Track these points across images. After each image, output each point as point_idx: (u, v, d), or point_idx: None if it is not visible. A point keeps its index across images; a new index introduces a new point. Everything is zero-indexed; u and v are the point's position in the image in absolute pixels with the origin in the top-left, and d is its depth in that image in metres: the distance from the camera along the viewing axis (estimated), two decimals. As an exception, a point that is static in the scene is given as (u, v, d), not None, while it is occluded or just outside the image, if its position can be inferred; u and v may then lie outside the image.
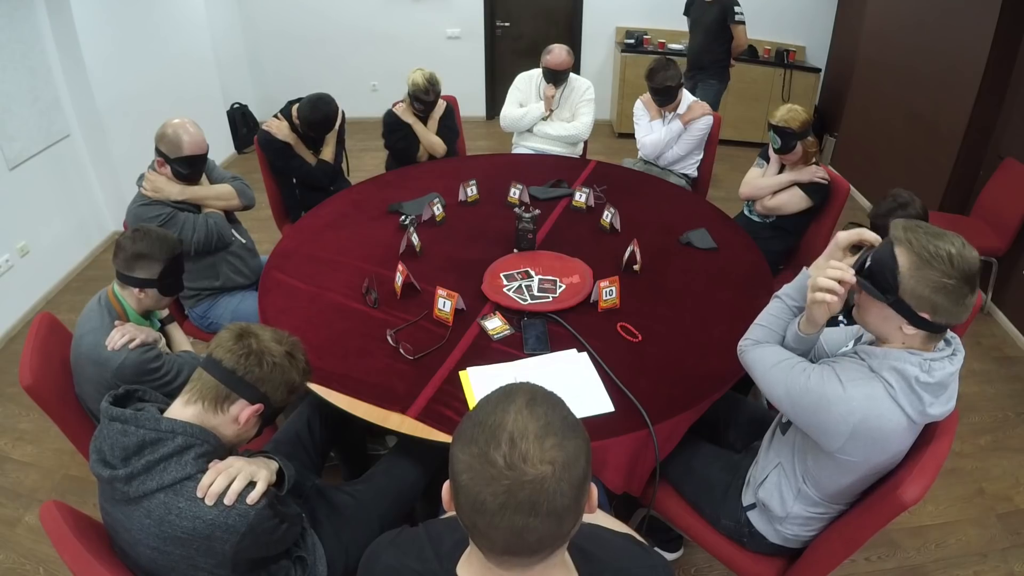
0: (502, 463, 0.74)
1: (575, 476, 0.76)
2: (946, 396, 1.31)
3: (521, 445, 0.74)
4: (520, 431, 0.75)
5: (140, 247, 1.73)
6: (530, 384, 0.83)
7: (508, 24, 6.05)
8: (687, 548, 2.17)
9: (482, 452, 0.75)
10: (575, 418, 0.81)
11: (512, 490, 0.73)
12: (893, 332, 1.29)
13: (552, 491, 0.74)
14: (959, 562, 2.20)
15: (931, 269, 1.21)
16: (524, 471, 0.73)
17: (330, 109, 2.91)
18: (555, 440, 0.75)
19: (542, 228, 2.54)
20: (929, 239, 1.23)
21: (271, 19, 5.86)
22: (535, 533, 0.75)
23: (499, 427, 0.76)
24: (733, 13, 4.30)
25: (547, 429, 0.76)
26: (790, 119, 2.56)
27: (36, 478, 2.48)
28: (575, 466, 0.76)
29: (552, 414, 0.78)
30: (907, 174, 4.21)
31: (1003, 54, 3.44)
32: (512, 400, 0.79)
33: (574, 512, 0.77)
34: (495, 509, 0.74)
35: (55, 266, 3.74)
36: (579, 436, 0.78)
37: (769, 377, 1.42)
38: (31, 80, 3.43)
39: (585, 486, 0.78)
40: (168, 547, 1.14)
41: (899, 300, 1.25)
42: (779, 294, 1.55)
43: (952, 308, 1.22)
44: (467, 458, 0.76)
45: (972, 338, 3.33)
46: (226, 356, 1.25)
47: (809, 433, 1.37)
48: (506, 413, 0.77)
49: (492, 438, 0.75)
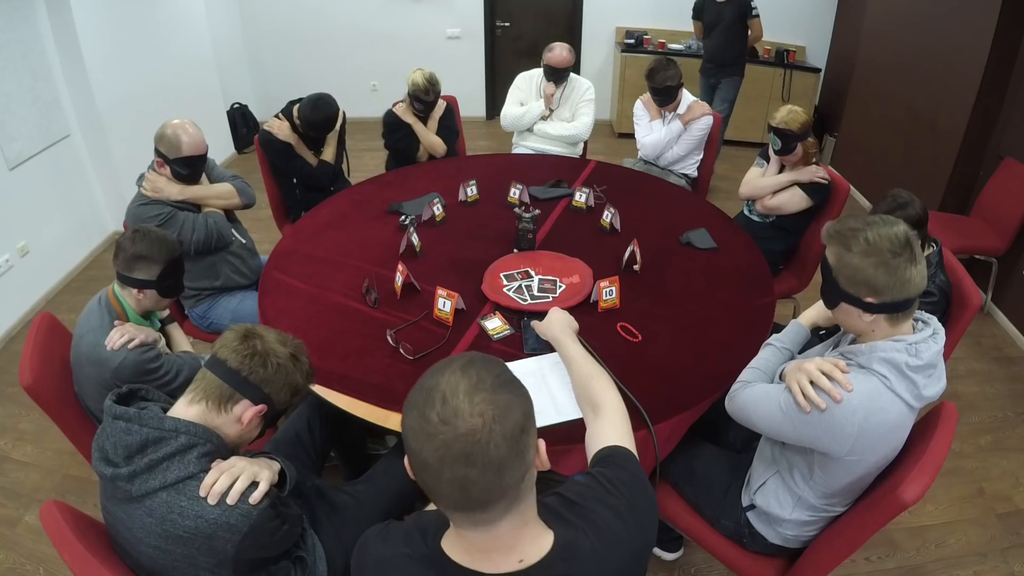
0: (436, 420, 0.80)
1: (508, 428, 0.80)
2: (936, 375, 1.34)
3: (452, 402, 0.80)
4: (452, 389, 0.81)
5: (140, 248, 1.73)
6: (472, 352, 0.88)
7: (508, 24, 6.05)
8: (687, 548, 2.17)
9: (420, 413, 0.82)
10: (511, 376, 0.87)
11: (448, 443, 0.79)
12: (859, 324, 1.34)
13: (484, 442, 0.79)
14: (959, 562, 2.20)
15: (853, 256, 1.28)
16: (456, 425, 0.79)
17: (331, 109, 2.91)
18: (485, 395, 0.81)
19: (542, 228, 2.54)
20: (849, 231, 1.30)
21: (271, 19, 5.86)
22: (476, 485, 0.80)
23: (434, 388, 0.82)
24: (751, 8, 4.49)
25: (478, 386, 0.82)
26: (790, 120, 2.56)
27: (36, 478, 2.48)
28: (507, 419, 0.81)
29: (484, 372, 0.84)
30: (907, 174, 4.21)
31: (1003, 54, 3.44)
32: (449, 364, 0.86)
33: (514, 465, 0.82)
34: (436, 464, 0.80)
35: (55, 266, 3.75)
36: (512, 392, 0.84)
37: (761, 410, 1.43)
38: (31, 80, 3.43)
39: (524, 439, 0.83)
40: (170, 546, 1.14)
41: (843, 293, 1.31)
42: (770, 342, 1.61)
43: (892, 282, 1.26)
44: (410, 420, 0.84)
45: (972, 338, 3.33)
46: (231, 356, 1.25)
47: (816, 447, 1.36)
48: (442, 376, 0.84)
49: (428, 399, 0.82)
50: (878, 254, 1.25)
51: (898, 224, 1.29)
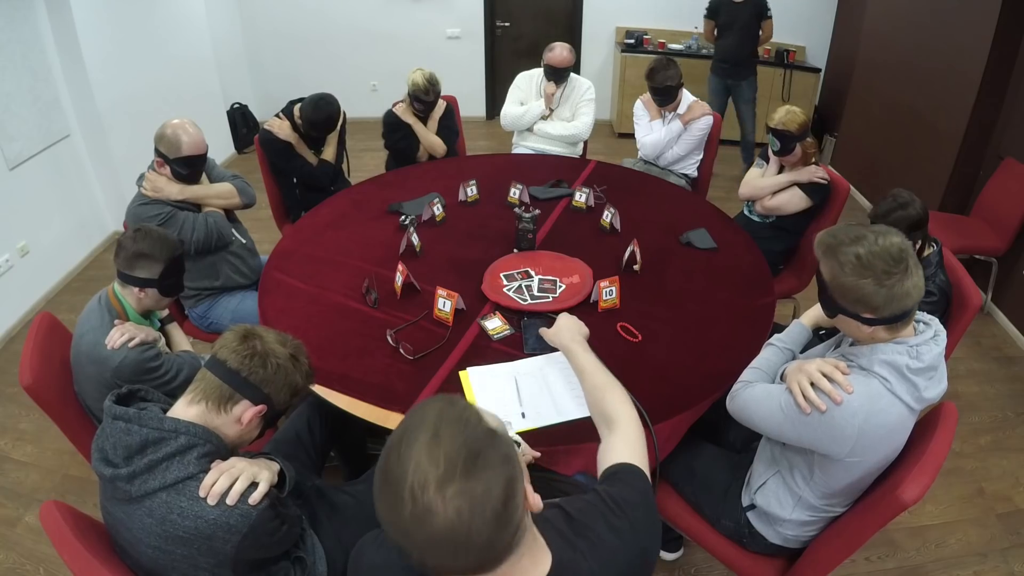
0: (409, 518, 0.74)
1: (489, 512, 0.74)
2: (938, 377, 1.33)
3: (423, 499, 0.73)
4: (420, 483, 0.73)
5: (141, 247, 1.73)
6: (438, 406, 0.80)
7: (508, 24, 6.05)
8: (687, 548, 2.17)
9: (391, 508, 0.75)
10: (485, 441, 0.77)
11: (430, 537, 0.74)
12: (858, 333, 1.33)
13: (465, 533, 0.73)
14: (959, 562, 2.20)
15: (847, 276, 1.25)
16: (432, 523, 0.73)
17: (332, 109, 2.91)
18: (458, 486, 0.73)
19: (542, 228, 2.54)
20: (841, 247, 1.27)
21: (271, 19, 5.86)
22: (470, 560, 0.76)
23: (401, 481, 0.74)
24: (767, 9, 4.58)
25: (448, 473, 0.73)
26: (788, 121, 2.56)
27: (36, 478, 2.48)
28: (486, 505, 0.74)
29: (452, 447, 0.75)
30: (907, 174, 4.21)
31: (1003, 54, 3.44)
32: (413, 438, 0.76)
33: (504, 533, 0.77)
34: (419, 552, 0.76)
35: (55, 266, 3.74)
36: (487, 466, 0.75)
37: (762, 410, 1.43)
38: (31, 80, 3.43)
39: (509, 509, 0.77)
40: (169, 546, 1.14)
41: (840, 308, 1.30)
42: (772, 342, 1.60)
43: (888, 298, 1.23)
44: (382, 510, 0.77)
45: (972, 338, 3.33)
46: (231, 356, 1.25)
47: (816, 449, 1.36)
48: (408, 462, 0.75)
49: (396, 496, 0.74)
50: (872, 274, 1.23)
51: (891, 235, 1.26)
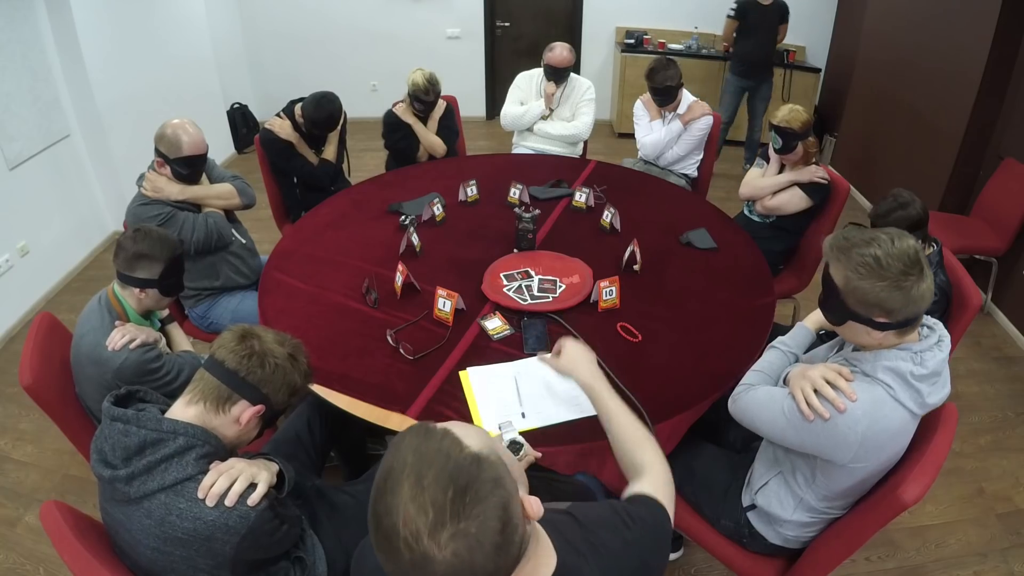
0: (409, 566, 0.73)
1: (488, 546, 0.74)
2: (941, 383, 1.33)
3: (419, 548, 0.72)
4: (413, 533, 0.72)
5: (141, 247, 1.73)
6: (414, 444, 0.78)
7: (508, 24, 6.05)
8: (687, 548, 2.17)
9: (388, 556, 0.75)
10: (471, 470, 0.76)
11: None
12: (865, 339, 1.31)
13: (469, 570, 0.73)
14: (959, 562, 2.20)
15: (864, 279, 1.23)
16: (433, 569, 0.73)
17: (334, 107, 2.91)
18: (450, 530, 0.72)
19: (542, 228, 2.54)
20: (855, 249, 1.25)
21: (271, 19, 5.86)
22: None
23: (393, 533, 0.74)
24: (788, 12, 4.71)
25: (438, 519, 0.72)
26: (791, 119, 2.56)
27: (36, 478, 2.48)
28: (483, 540, 0.74)
29: (439, 488, 0.73)
30: (907, 174, 4.21)
31: (1003, 54, 3.44)
32: (398, 486, 0.75)
33: (507, 559, 0.77)
34: None
35: (55, 266, 3.74)
36: (478, 500, 0.74)
37: (765, 414, 1.42)
38: (31, 80, 3.43)
39: (508, 531, 0.76)
40: (168, 547, 1.14)
41: (852, 313, 1.27)
42: (775, 344, 1.59)
43: (905, 301, 1.22)
44: (380, 556, 0.76)
45: (972, 338, 3.33)
46: (228, 357, 1.25)
47: (819, 454, 1.36)
48: (395, 512, 0.74)
49: (391, 547, 0.74)
50: (891, 277, 1.21)
51: (904, 238, 1.25)
